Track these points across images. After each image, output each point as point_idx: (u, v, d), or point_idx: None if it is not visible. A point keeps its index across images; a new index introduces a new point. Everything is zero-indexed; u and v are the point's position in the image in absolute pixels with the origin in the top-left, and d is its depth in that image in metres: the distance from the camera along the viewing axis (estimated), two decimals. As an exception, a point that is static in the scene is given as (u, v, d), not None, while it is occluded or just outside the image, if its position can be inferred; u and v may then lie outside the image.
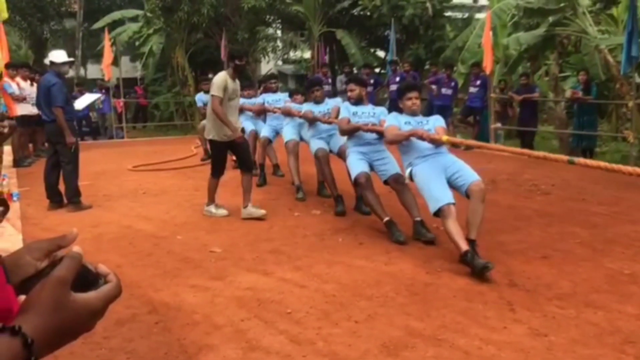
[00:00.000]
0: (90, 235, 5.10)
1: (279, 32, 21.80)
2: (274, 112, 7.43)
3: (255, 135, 7.93)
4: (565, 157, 4.31)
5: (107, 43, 14.26)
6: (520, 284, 3.76)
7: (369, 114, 5.38)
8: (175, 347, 3.00)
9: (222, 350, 2.93)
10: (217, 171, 5.83)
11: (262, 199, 6.50)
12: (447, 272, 4.02)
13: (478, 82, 11.04)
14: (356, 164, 5.19)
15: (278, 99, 7.71)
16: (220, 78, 5.50)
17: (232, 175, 6.59)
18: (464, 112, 11.61)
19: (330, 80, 13.32)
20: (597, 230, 4.95)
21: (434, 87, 11.46)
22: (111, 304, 0.73)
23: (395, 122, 4.76)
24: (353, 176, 5.19)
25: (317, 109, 6.36)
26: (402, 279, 3.91)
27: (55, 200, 6.25)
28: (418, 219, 4.84)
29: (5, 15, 8.34)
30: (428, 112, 11.95)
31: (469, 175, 4.35)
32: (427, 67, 16.66)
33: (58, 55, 6.35)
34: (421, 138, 4.48)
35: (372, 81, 12.16)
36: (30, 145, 10.58)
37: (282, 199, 6.53)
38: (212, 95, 5.48)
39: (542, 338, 2.97)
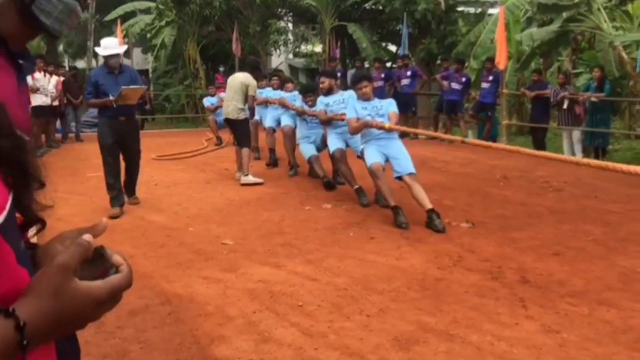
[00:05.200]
0: (103, 226, 5.12)
1: (290, 26, 21.76)
2: (273, 103, 8.61)
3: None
4: (459, 138, 5.91)
5: (119, 35, 14.31)
6: (533, 280, 3.75)
7: (339, 101, 6.36)
8: (187, 337, 3.02)
9: (235, 342, 2.95)
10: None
11: (274, 193, 6.52)
12: (459, 268, 4.02)
13: (490, 78, 10.96)
14: (334, 142, 6.24)
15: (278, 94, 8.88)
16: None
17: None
18: (475, 108, 11.54)
19: (339, 74, 13.28)
20: (610, 228, 4.91)
21: (445, 82, 11.40)
22: (119, 294, 0.71)
23: (353, 114, 5.50)
24: (331, 151, 6.23)
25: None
26: (413, 273, 3.91)
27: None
28: (356, 186, 5.98)
29: None
30: (439, 107, 11.95)
31: (406, 166, 5.18)
32: (438, 62, 16.60)
33: (101, 46, 5.71)
34: (371, 127, 5.34)
35: (382, 76, 12.11)
36: (43, 135, 10.65)
37: (292, 193, 6.54)
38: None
39: (554, 335, 2.96)
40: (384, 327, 3.09)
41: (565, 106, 9.91)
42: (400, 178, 5.19)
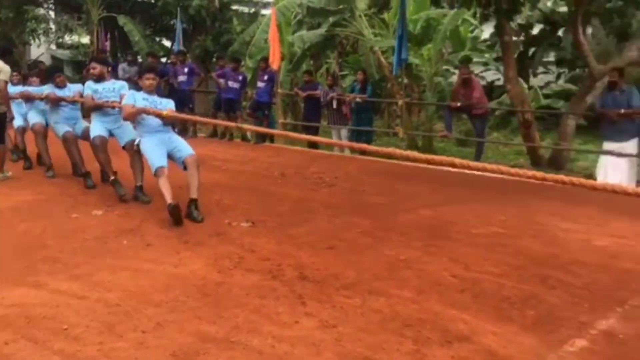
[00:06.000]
0: None
1: (51, 14, 19.82)
2: (16, 99, 7.49)
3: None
4: (235, 124, 6.89)
5: None
6: (310, 276, 3.84)
7: (109, 89, 6.18)
8: None
9: (-20, 383, 2.49)
10: None
11: (33, 200, 5.82)
12: (239, 270, 3.95)
13: (266, 77, 11.17)
14: (96, 128, 6.01)
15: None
16: None
17: None
18: (252, 107, 11.69)
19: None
20: (376, 220, 5.29)
21: (221, 80, 11.35)
22: None
23: (131, 100, 5.45)
24: (92, 137, 6.00)
25: (59, 94, 6.81)
26: (193, 280, 3.75)
27: None
28: (139, 184, 5.77)
29: None
30: (217, 105, 11.87)
31: (185, 150, 5.34)
32: (214, 59, 16.55)
33: None
34: (148, 113, 5.33)
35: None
36: None
37: (56, 199, 5.89)
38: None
39: (331, 330, 3.04)
40: (161, 343, 2.88)
41: (334, 106, 10.54)
42: (185, 167, 5.27)
